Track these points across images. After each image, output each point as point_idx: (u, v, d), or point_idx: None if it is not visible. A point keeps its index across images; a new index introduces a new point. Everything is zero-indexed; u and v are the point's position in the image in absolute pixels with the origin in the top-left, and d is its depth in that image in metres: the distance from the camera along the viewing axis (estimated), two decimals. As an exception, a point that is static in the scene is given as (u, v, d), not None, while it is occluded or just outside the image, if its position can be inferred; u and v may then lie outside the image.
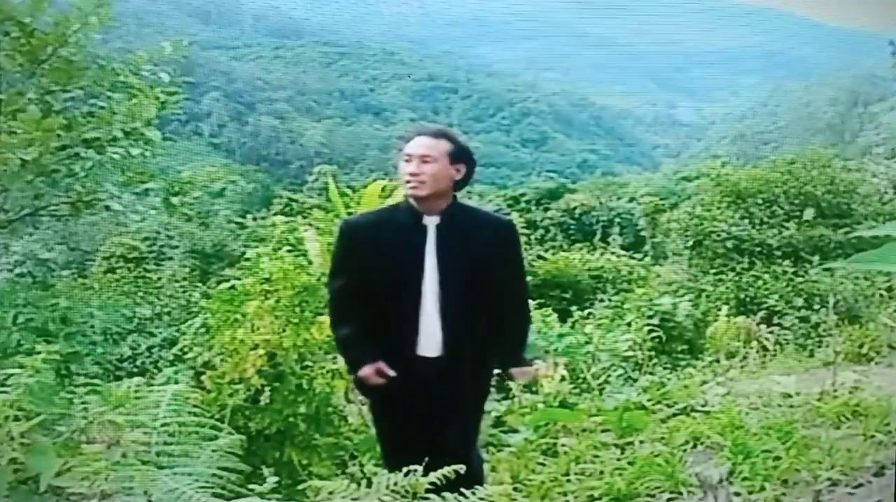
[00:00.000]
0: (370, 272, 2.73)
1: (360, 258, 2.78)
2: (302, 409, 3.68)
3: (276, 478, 2.19)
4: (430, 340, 2.70)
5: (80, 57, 5.91)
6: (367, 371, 2.72)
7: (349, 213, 5.42)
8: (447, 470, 2.04)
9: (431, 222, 2.72)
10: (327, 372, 4.00)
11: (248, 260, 5.13)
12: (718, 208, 12.12)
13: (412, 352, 2.70)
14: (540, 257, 17.03)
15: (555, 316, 8.89)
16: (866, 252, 1.40)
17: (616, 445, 3.88)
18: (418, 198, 2.71)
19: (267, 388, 3.64)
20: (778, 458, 3.30)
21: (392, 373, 2.70)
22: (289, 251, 5.20)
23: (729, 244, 11.54)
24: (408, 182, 2.69)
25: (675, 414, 4.42)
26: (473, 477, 2.47)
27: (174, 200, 6.65)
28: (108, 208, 6.47)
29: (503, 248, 2.80)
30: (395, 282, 2.71)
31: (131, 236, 20.04)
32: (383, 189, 5.38)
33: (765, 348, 7.24)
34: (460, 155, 2.73)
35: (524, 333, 2.97)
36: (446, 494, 2.02)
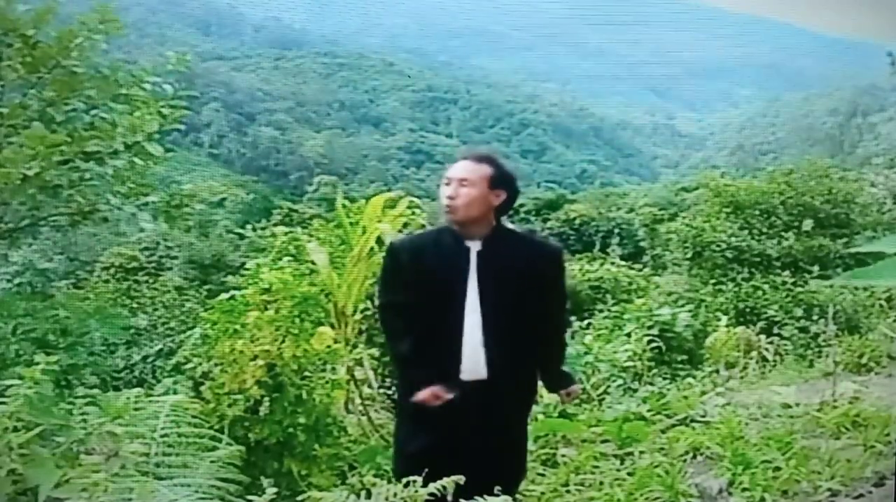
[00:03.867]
0: (415, 294, 2.75)
1: (405, 279, 2.81)
2: (301, 420, 3.68)
3: (275, 489, 2.17)
4: (473, 364, 2.71)
5: (83, 69, 5.91)
6: (424, 394, 2.71)
7: (352, 224, 5.42)
8: (446, 480, 2.04)
9: (474, 247, 2.73)
10: (326, 382, 4.00)
11: (247, 270, 5.13)
12: (717, 219, 12.12)
13: (456, 376, 2.70)
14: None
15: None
16: (863, 268, 1.40)
17: (616, 456, 3.88)
18: (455, 222, 2.73)
19: (266, 399, 3.63)
20: (778, 469, 3.30)
21: (449, 395, 2.69)
22: (289, 261, 5.21)
23: (728, 254, 11.54)
24: (445, 206, 2.72)
25: (674, 425, 4.42)
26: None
27: (174, 211, 6.64)
28: (106, 220, 6.46)
29: (548, 274, 2.81)
30: (439, 306, 2.72)
31: (130, 247, 20.08)
32: (385, 201, 5.39)
33: (764, 358, 7.23)
34: (501, 180, 2.73)
35: (561, 355, 2.98)
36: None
